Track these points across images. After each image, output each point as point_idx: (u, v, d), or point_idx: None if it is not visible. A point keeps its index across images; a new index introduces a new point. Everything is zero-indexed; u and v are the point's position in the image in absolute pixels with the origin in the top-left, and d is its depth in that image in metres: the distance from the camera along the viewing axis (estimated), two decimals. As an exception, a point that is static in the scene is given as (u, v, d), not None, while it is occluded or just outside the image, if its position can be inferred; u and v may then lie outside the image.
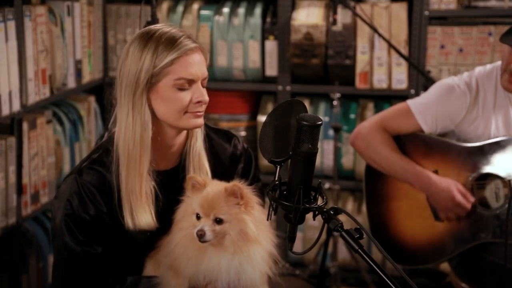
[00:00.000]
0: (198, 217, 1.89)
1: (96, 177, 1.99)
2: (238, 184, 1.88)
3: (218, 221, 1.87)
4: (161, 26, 2.00)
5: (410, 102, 2.78)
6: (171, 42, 1.94)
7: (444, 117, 2.72)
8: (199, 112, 1.99)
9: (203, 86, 2.00)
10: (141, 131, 1.96)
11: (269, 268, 1.94)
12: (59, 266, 2.01)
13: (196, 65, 1.96)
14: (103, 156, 2.02)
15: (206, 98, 2.00)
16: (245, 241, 1.88)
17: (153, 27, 2.01)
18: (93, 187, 1.98)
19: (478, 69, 2.75)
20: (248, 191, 1.90)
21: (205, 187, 1.92)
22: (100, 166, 2.00)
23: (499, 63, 2.71)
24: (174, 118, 1.98)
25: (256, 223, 1.90)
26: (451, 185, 2.66)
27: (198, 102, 1.97)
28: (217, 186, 1.93)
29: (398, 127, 2.78)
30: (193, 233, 1.87)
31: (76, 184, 1.97)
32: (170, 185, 2.06)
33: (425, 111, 2.73)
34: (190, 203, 1.93)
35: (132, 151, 1.96)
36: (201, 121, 2.01)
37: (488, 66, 2.75)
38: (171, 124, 2.00)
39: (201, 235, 1.85)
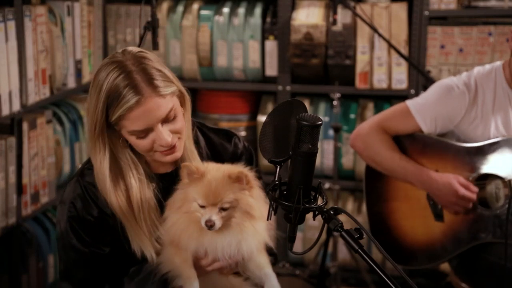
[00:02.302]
0: (202, 206, 1.89)
1: None
2: (244, 171, 1.89)
3: (225, 208, 1.88)
4: (112, 69, 1.87)
5: (409, 102, 2.78)
6: (116, 98, 1.85)
7: (443, 117, 2.72)
8: (169, 150, 1.93)
9: (169, 120, 1.90)
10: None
11: (267, 236, 1.97)
12: (71, 270, 1.99)
13: (146, 115, 1.86)
14: None
15: (169, 140, 1.89)
16: (250, 220, 1.90)
17: (109, 68, 1.88)
18: (95, 188, 1.97)
19: (477, 69, 2.75)
20: (251, 176, 1.92)
21: (204, 175, 1.91)
22: None
23: (498, 63, 2.71)
24: (146, 155, 1.97)
25: (258, 202, 1.92)
26: (451, 179, 2.65)
27: (162, 145, 1.92)
28: (217, 172, 1.91)
29: (398, 128, 2.78)
30: (196, 216, 1.88)
31: (79, 187, 1.98)
32: (170, 188, 2.05)
33: (424, 112, 2.73)
34: (190, 192, 1.91)
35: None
36: (175, 155, 1.95)
37: (487, 66, 2.75)
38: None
39: (211, 226, 1.86)
